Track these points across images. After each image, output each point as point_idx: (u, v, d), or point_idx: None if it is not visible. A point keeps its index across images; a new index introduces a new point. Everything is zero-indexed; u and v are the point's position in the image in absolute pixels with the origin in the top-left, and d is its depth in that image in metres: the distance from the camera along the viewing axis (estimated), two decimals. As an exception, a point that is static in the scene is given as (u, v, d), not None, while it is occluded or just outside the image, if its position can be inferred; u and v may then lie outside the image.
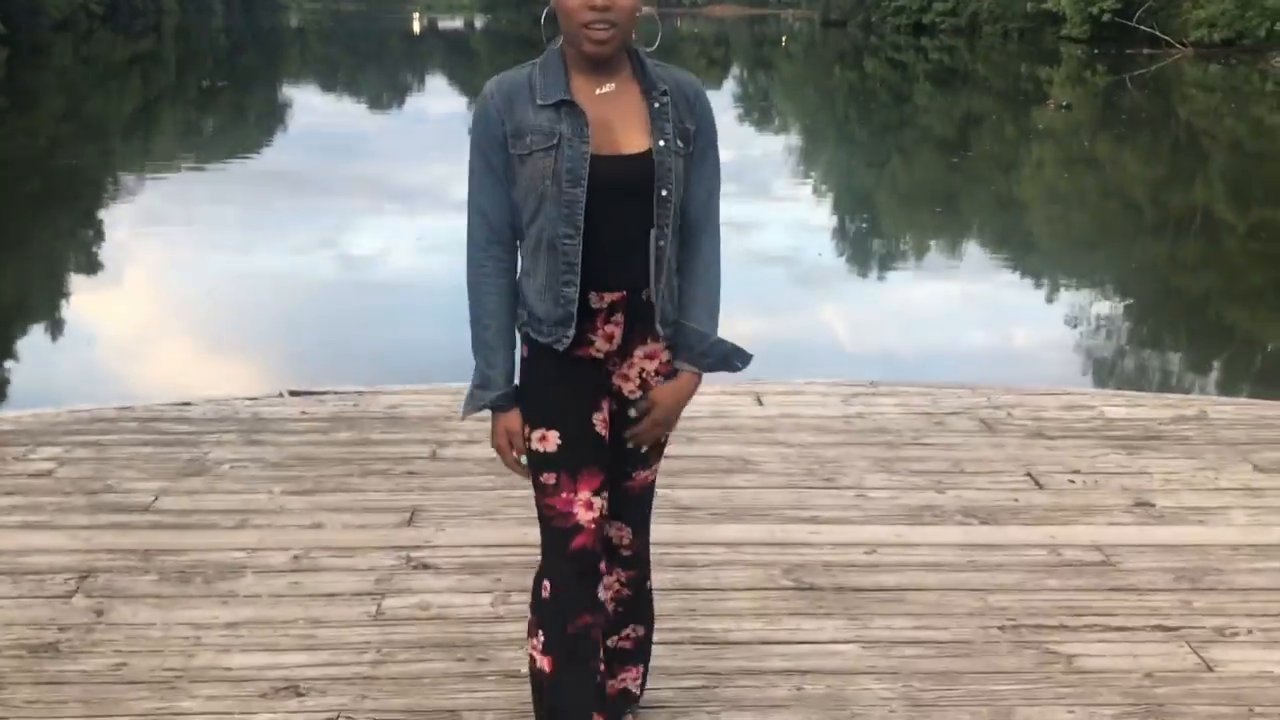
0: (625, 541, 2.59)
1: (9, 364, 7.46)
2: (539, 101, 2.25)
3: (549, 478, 2.39)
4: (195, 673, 3.02)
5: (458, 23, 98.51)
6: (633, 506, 2.57)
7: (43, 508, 3.99)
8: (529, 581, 3.40)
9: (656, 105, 2.30)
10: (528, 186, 2.26)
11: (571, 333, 2.32)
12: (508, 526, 3.86)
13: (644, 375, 2.43)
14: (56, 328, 8.33)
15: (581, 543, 2.40)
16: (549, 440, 2.38)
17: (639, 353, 2.41)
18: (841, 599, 3.42)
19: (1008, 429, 4.84)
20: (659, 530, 2.84)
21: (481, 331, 2.37)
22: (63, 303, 9.07)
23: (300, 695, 2.93)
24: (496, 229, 2.33)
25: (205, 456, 4.46)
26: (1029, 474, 4.37)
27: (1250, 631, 3.26)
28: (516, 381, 2.41)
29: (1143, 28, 46.13)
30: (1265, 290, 10.28)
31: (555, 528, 2.41)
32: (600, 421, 2.41)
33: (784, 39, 70.26)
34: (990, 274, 10.57)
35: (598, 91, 2.28)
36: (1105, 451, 4.60)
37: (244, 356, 7.42)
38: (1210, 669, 3.07)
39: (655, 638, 2.79)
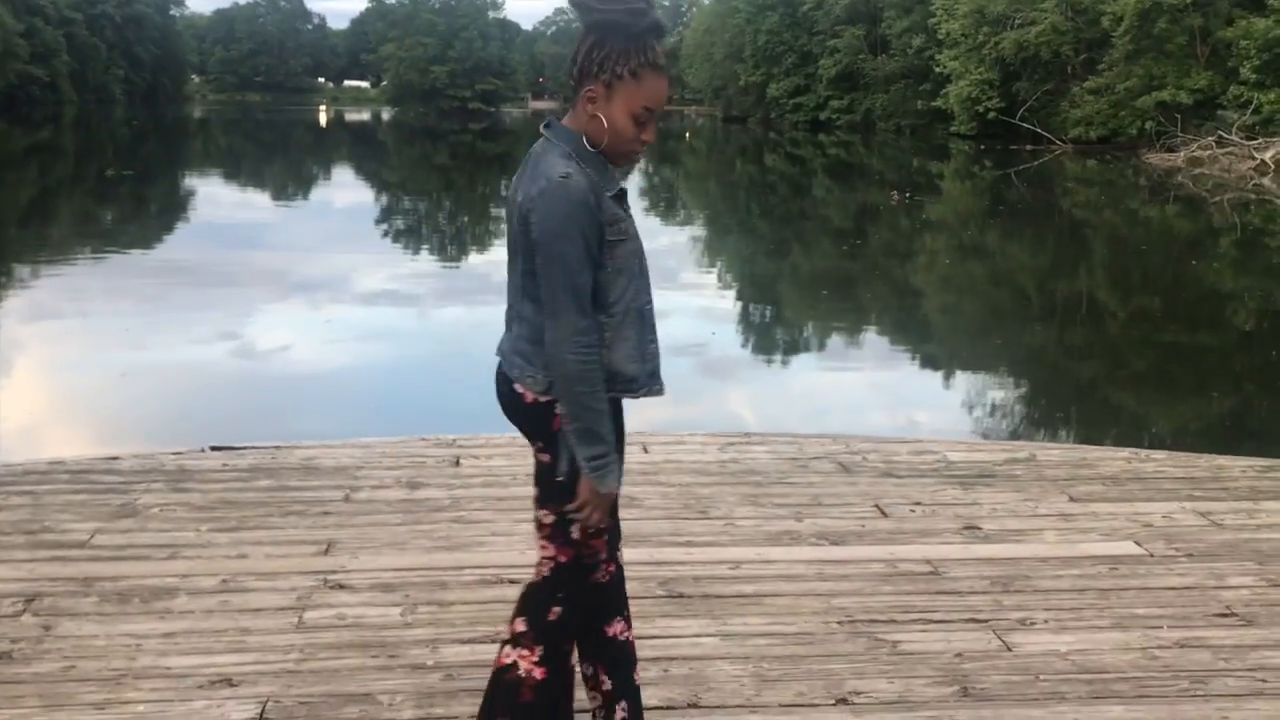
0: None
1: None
2: (609, 194, 2.55)
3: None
4: (138, 671, 3.44)
5: (365, 115, 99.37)
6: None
7: (-15, 545, 4.38)
8: (435, 596, 3.95)
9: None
10: (620, 267, 2.56)
11: (662, 380, 2.70)
12: (415, 554, 4.34)
13: None
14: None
15: (599, 577, 2.78)
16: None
17: None
18: (706, 604, 3.96)
19: (862, 470, 5.45)
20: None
21: (604, 405, 2.54)
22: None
23: (233, 685, 3.36)
24: (592, 312, 2.53)
25: (135, 502, 4.87)
26: (876, 505, 4.97)
27: (1046, 621, 3.86)
28: None
29: (1025, 125, 48.64)
30: (1103, 346, 11.22)
31: (587, 564, 2.74)
32: None
33: (687, 134, 72.29)
34: (872, 348, 11.41)
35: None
36: (944, 487, 5.23)
37: (165, 425, 7.77)
38: (1010, 649, 3.66)
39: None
